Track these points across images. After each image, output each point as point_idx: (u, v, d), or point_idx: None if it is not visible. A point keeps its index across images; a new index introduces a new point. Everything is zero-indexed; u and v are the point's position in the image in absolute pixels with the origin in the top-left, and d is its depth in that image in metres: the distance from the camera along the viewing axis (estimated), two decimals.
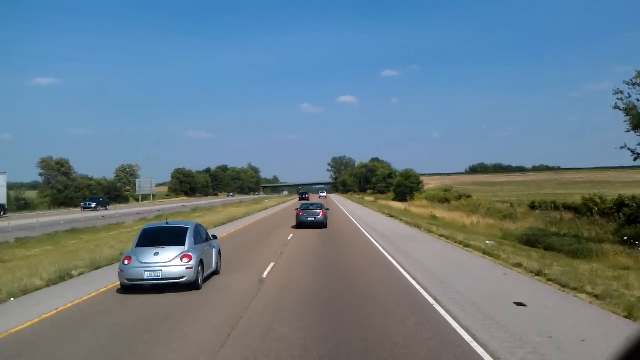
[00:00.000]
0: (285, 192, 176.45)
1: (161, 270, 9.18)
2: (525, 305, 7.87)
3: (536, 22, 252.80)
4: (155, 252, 9.34)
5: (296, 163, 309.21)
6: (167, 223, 10.70)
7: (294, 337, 6.34)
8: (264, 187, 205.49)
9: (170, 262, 9.28)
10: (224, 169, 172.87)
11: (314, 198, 67.37)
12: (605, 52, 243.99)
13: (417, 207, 46.21)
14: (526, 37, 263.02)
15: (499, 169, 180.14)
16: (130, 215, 37.73)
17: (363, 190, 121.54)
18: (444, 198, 55.03)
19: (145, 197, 69.63)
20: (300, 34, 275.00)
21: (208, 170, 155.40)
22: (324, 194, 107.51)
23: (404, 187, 72.18)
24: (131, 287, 9.24)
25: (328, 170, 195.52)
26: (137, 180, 72.09)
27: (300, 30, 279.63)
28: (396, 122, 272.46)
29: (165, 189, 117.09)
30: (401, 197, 68.90)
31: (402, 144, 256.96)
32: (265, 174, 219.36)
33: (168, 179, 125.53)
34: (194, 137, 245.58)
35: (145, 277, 9.15)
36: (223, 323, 7.23)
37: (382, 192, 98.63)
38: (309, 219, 24.44)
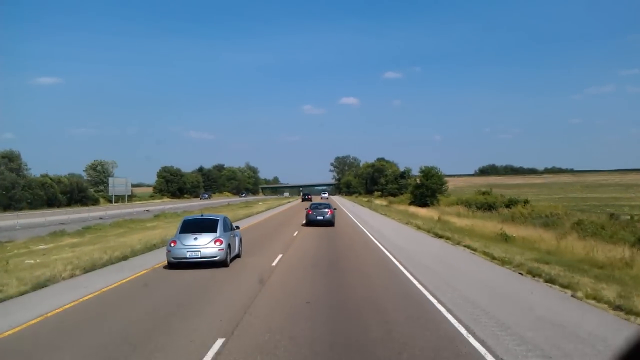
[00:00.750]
0: (286, 193, 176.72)
1: (199, 251, 13.33)
2: None
3: (538, 24, 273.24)
4: (194, 237, 13.48)
5: (298, 164, 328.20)
6: (201, 215, 13.74)
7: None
8: (263, 188, 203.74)
9: (206, 245, 13.40)
10: (219, 168, 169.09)
11: (315, 199, 71.37)
12: (607, 54, 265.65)
13: (453, 215, 38.28)
14: (528, 38, 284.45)
15: (509, 170, 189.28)
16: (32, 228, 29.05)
17: (369, 192, 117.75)
18: (485, 203, 45.83)
19: (121, 198, 66.54)
20: (301, 35, 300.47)
21: (201, 170, 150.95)
22: (326, 195, 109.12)
23: (425, 188, 64.14)
24: (176, 264, 13.42)
25: (330, 171, 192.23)
26: (109, 178, 64.17)
27: (302, 32, 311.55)
28: (398, 124, 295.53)
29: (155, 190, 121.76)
30: (420, 201, 62.33)
31: (404, 146, 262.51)
32: (266, 174, 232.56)
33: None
34: (196, 137, 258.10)
35: (188, 256, 13.32)
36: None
37: (394, 195, 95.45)
38: (318, 217, 29.03)
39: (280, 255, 16.09)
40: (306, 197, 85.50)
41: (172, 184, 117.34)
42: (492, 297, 9.92)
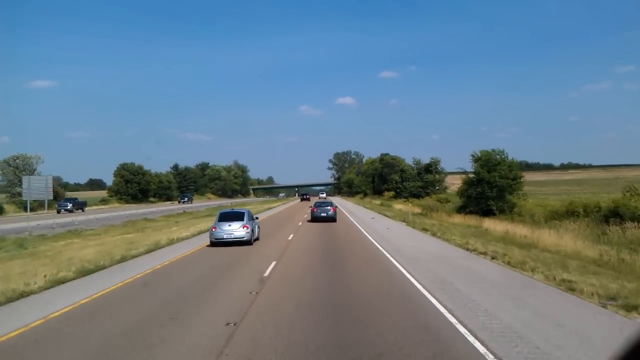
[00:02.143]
0: (282, 194, 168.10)
1: (232, 234, 19.42)
2: None
3: (534, 22, 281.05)
4: (228, 224, 19.54)
5: (294, 164, 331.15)
6: (232, 209, 19.44)
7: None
8: (254, 189, 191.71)
9: (237, 229, 19.38)
10: (203, 167, 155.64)
11: (313, 200, 77.65)
12: (604, 52, 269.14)
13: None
14: (525, 37, 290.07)
15: (524, 166, 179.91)
16: None
17: (378, 192, 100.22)
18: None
19: (40, 205, 48.18)
20: (298, 35, 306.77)
21: (176, 168, 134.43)
22: (324, 196, 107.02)
23: (486, 186, 41.12)
24: (216, 243, 19.40)
25: (329, 169, 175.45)
26: (24, 177, 41.36)
27: (298, 32, 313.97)
28: (395, 123, 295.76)
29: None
30: (478, 206, 41.35)
31: (401, 145, 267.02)
32: (262, 175, 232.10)
33: None
34: (193, 139, 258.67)
35: (224, 237, 19.39)
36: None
37: (417, 196, 75.05)
38: (322, 214, 33.33)
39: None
40: (305, 197, 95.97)
41: (132, 184, 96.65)
42: None
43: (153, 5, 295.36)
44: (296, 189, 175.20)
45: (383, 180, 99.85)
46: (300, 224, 31.24)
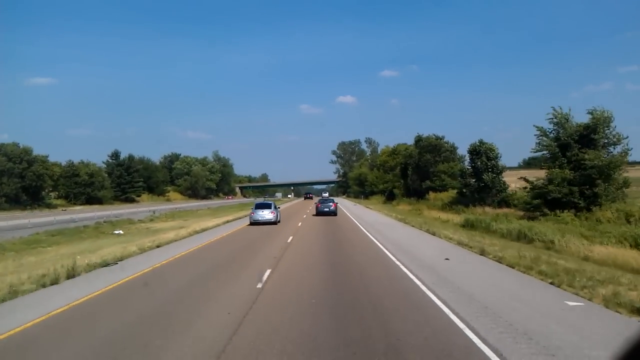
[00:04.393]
0: (279, 194, 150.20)
1: (264, 217, 28.65)
2: None
3: (536, 23, 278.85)
4: (262, 210, 28.72)
5: (293, 162, 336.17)
6: (264, 200, 29.32)
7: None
8: (241, 188, 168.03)
9: (267, 214, 28.50)
10: (172, 158, 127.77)
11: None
12: (605, 52, 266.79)
13: None
14: (526, 37, 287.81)
15: None
16: None
17: (416, 193, 62.55)
18: None
19: None
20: (299, 34, 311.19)
21: (115, 156, 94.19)
22: (327, 195, 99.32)
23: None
24: (254, 223, 28.51)
25: (332, 162, 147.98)
26: None
27: (299, 31, 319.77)
28: (396, 122, 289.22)
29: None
30: None
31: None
32: (254, 172, 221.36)
33: None
34: (193, 137, 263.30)
35: (259, 219, 28.66)
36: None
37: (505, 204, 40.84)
38: (325, 209, 40.28)
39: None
40: (307, 195, 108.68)
41: (7, 179, 66.38)
42: None
43: (154, 5, 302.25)
44: (292, 188, 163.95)
45: (423, 174, 61.93)
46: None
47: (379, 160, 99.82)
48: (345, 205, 64.49)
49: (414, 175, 65.31)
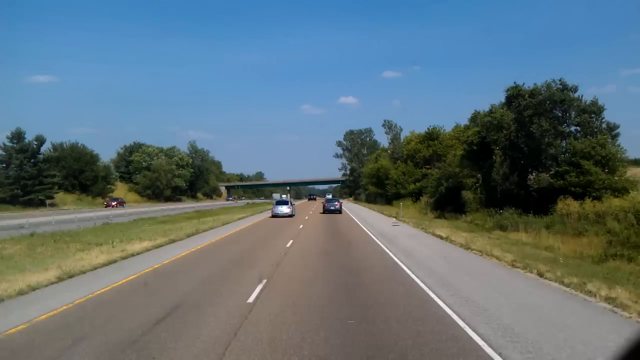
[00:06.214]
0: (277, 195, 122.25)
1: (283, 211, 37.42)
2: None
3: (538, 24, 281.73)
4: (280, 206, 37.56)
5: (295, 162, 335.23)
6: (281, 197, 38.40)
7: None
8: (228, 188, 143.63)
9: (285, 209, 37.36)
10: (133, 149, 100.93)
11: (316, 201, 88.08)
12: (608, 54, 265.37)
13: None
14: (528, 38, 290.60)
15: None
16: None
17: (509, 200, 29.66)
18: None
19: None
20: (300, 35, 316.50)
21: (18, 137, 58.14)
22: (330, 196, 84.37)
23: None
24: (274, 216, 37.15)
25: (337, 156, 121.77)
26: None
27: (300, 32, 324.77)
28: (397, 123, 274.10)
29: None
30: None
31: None
32: (252, 172, 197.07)
33: None
34: (194, 137, 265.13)
35: (279, 213, 37.36)
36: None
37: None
38: (331, 207, 45.78)
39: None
40: (311, 197, 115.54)
41: None
42: None
43: (155, 4, 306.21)
44: (288, 188, 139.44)
45: (528, 157, 31.21)
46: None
47: (405, 150, 67.58)
48: (360, 228, 28.09)
49: (505, 162, 32.39)
